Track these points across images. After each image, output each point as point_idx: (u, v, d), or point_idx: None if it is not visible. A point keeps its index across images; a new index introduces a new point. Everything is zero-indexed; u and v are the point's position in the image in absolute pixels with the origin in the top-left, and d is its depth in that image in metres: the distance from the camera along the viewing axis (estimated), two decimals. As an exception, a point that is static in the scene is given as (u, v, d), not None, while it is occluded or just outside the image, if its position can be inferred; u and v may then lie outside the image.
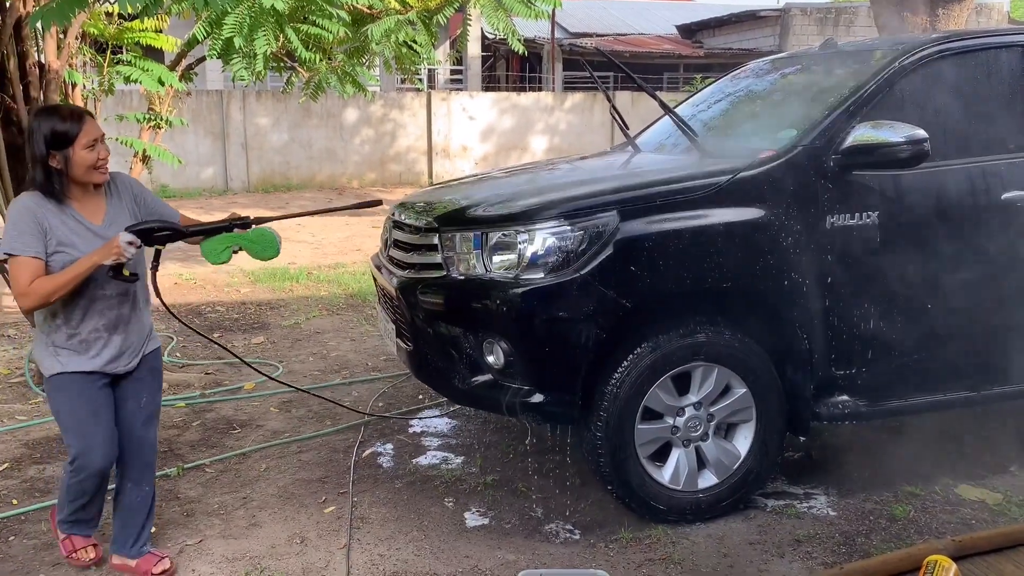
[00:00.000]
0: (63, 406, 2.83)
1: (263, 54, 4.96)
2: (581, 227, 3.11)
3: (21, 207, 2.72)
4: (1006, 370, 3.63)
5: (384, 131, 16.83)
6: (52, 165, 2.70)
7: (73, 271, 2.67)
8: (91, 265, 2.69)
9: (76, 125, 2.71)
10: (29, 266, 2.66)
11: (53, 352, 2.81)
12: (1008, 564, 2.35)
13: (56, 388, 2.82)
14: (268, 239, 2.99)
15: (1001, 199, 3.47)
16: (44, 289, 2.66)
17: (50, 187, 2.72)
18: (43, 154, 2.69)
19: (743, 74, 4.61)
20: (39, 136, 2.69)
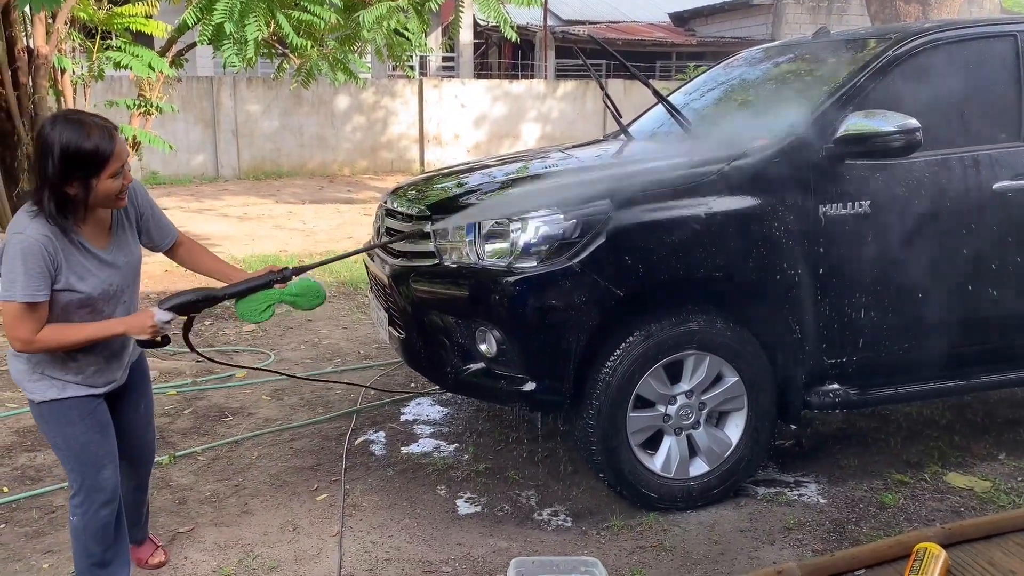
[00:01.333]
0: (65, 433, 2.53)
1: (254, 40, 4.94)
2: (574, 216, 3.11)
3: (30, 242, 2.28)
4: (996, 358, 3.65)
5: (376, 118, 16.77)
6: (69, 192, 2.30)
7: (92, 333, 2.40)
8: (116, 335, 2.45)
9: (107, 146, 2.28)
10: (37, 313, 2.32)
11: (43, 378, 2.49)
12: (997, 551, 2.36)
13: (54, 415, 2.51)
14: (313, 290, 2.74)
15: (993, 188, 3.48)
16: (54, 342, 2.37)
17: (63, 219, 2.32)
18: (60, 180, 2.27)
19: (736, 62, 4.61)
20: (59, 156, 2.24)
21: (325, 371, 5.06)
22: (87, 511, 2.57)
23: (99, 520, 2.59)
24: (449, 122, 17.24)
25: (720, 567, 2.97)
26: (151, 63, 5.13)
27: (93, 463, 2.56)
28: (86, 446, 2.55)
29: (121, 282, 2.52)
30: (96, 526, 2.59)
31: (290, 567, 2.99)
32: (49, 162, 2.25)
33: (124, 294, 2.55)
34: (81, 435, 2.54)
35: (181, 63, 5.85)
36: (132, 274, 2.59)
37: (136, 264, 2.61)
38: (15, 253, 2.28)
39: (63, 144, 2.25)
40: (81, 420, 2.53)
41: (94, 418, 2.56)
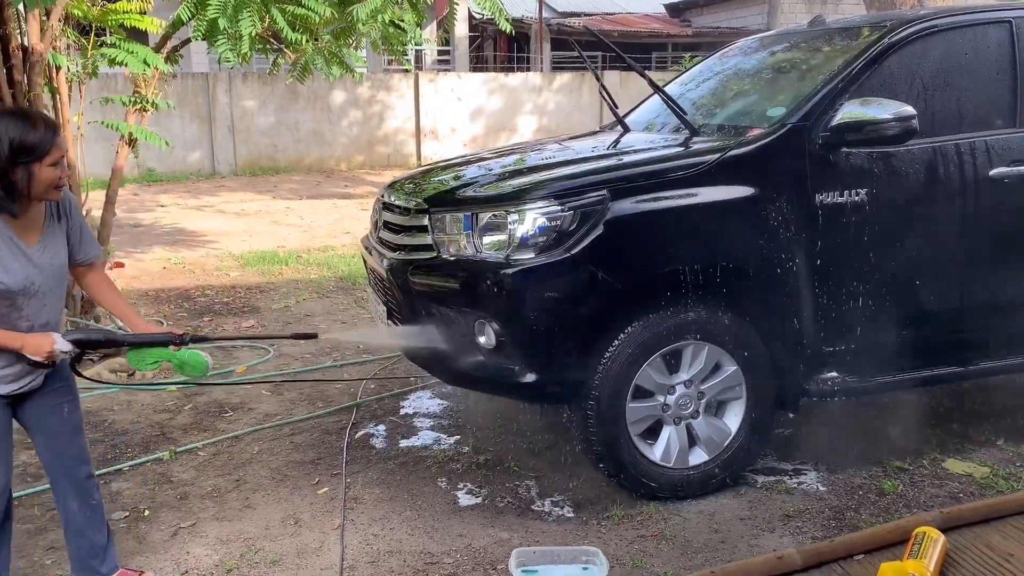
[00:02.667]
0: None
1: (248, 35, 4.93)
2: (571, 207, 3.11)
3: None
4: (993, 344, 3.66)
5: (372, 113, 16.74)
6: (12, 179, 2.37)
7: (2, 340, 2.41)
8: (12, 348, 2.43)
9: (49, 137, 2.39)
10: None
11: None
12: (995, 535, 2.38)
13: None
14: (199, 364, 2.77)
15: (989, 175, 3.48)
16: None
17: (9, 203, 2.39)
18: (8, 166, 2.35)
19: (731, 53, 4.60)
20: (7, 144, 2.35)
21: (324, 366, 5.07)
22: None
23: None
24: (445, 116, 17.22)
25: (720, 555, 2.98)
26: (146, 59, 5.11)
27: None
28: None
29: (43, 283, 2.51)
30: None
31: (292, 560, 3.00)
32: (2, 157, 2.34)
33: (46, 297, 2.53)
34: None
35: (176, 59, 5.82)
36: (56, 277, 2.57)
37: (61, 269, 2.60)
38: None
39: (11, 135, 2.36)
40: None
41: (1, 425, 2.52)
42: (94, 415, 4.32)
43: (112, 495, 3.49)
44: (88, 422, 4.22)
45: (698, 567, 2.87)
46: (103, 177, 8.25)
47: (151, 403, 4.48)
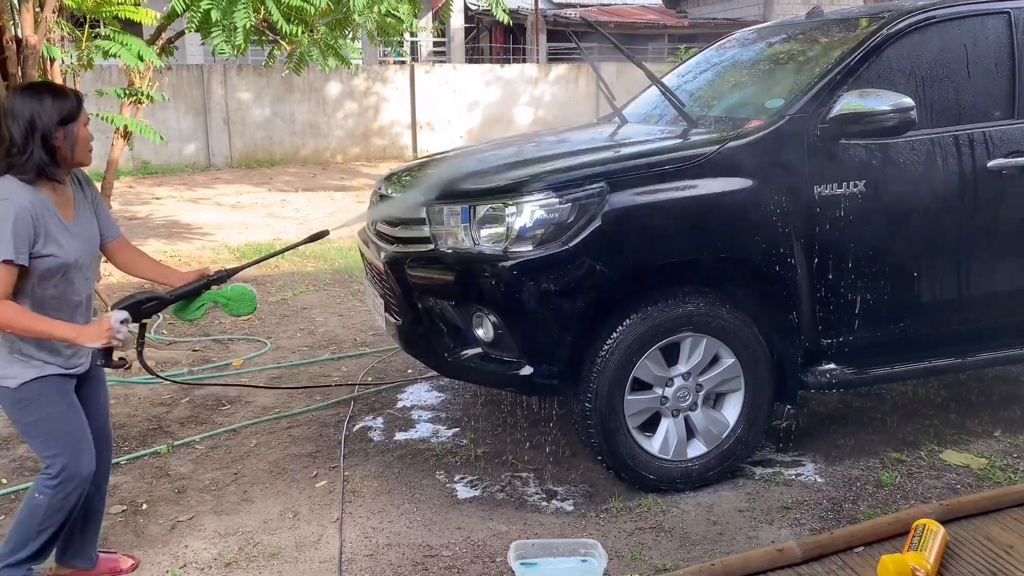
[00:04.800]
0: (44, 413, 2.51)
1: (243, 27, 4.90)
2: (569, 199, 3.10)
3: (19, 206, 2.38)
4: (991, 336, 3.67)
5: (368, 105, 16.69)
6: (56, 143, 2.45)
7: (51, 329, 2.42)
8: (71, 339, 2.44)
9: (78, 101, 2.51)
10: (9, 277, 2.37)
11: (20, 359, 2.49)
12: (994, 526, 2.38)
13: (34, 395, 2.50)
14: (246, 296, 2.80)
15: (988, 166, 3.48)
16: (9, 319, 2.37)
17: (53, 169, 2.46)
18: (50, 129, 2.43)
19: (729, 44, 4.59)
20: (46, 109, 2.43)
21: (321, 358, 5.06)
22: (56, 494, 2.54)
23: (67, 504, 2.56)
24: (441, 108, 17.17)
25: (719, 547, 2.98)
26: (140, 52, 5.08)
27: (75, 444, 2.55)
28: (69, 425, 2.54)
29: (85, 256, 2.57)
30: (61, 509, 2.56)
31: (291, 553, 3.00)
32: (32, 116, 2.42)
33: (88, 269, 2.60)
34: (62, 414, 2.54)
35: (171, 51, 5.79)
36: (94, 249, 2.67)
37: (96, 241, 2.66)
38: (4, 214, 2.35)
39: (50, 100, 2.45)
40: (62, 399, 2.54)
41: (72, 399, 2.58)
42: (91, 409, 4.31)
43: (110, 489, 3.46)
44: (85, 416, 4.22)
45: (697, 559, 2.88)
46: (98, 170, 8.23)
47: (148, 396, 4.47)
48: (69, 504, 2.58)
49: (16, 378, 2.48)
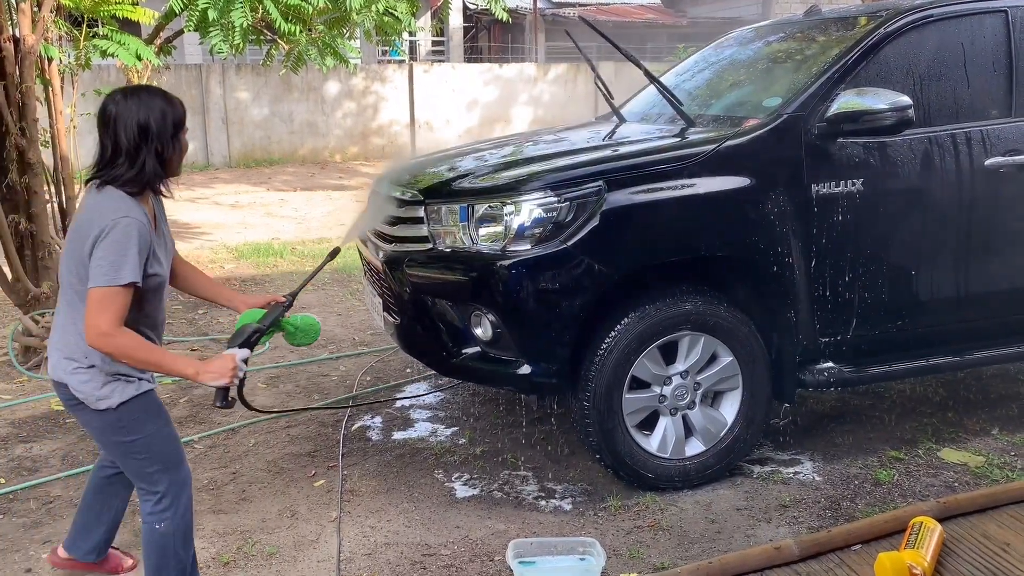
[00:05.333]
0: (146, 431, 2.38)
1: (241, 26, 4.91)
2: (567, 198, 3.10)
3: (140, 224, 2.23)
4: (988, 334, 3.67)
5: (366, 104, 16.68)
6: (169, 154, 2.32)
7: (171, 364, 2.31)
8: (190, 376, 2.31)
9: (183, 106, 2.36)
10: (127, 300, 2.23)
11: (117, 380, 2.34)
12: (991, 524, 2.39)
13: (134, 414, 2.36)
14: (314, 328, 2.69)
15: (985, 165, 3.48)
16: (127, 348, 2.23)
17: (163, 181, 2.35)
18: (165, 137, 2.28)
19: (727, 43, 4.59)
20: (160, 115, 2.27)
21: (320, 358, 5.06)
22: (176, 513, 2.43)
23: (187, 520, 2.47)
24: (440, 107, 17.16)
25: (717, 545, 2.99)
26: (138, 51, 5.09)
27: (177, 458, 2.45)
28: (169, 440, 2.44)
29: (167, 273, 2.47)
30: (185, 527, 2.47)
31: (289, 553, 3.00)
32: (152, 125, 2.26)
33: (166, 287, 2.49)
34: (163, 429, 2.43)
35: (169, 50, 5.79)
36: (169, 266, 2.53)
37: (172, 256, 2.57)
38: (128, 234, 2.20)
39: (163, 108, 2.29)
40: (159, 414, 2.44)
41: (166, 412, 2.48)
42: (89, 408, 4.31)
43: (108, 488, 3.48)
44: (83, 415, 4.22)
45: (695, 557, 2.88)
46: (96, 169, 8.22)
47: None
48: (188, 520, 2.48)
49: (114, 398, 2.33)
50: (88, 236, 2.22)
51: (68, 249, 2.33)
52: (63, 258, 2.37)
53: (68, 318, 2.34)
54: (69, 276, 2.32)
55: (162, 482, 2.41)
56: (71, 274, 2.30)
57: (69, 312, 2.34)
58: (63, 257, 2.37)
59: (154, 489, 2.42)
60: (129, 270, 2.20)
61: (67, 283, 2.34)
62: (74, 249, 2.28)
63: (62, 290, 2.37)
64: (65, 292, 2.35)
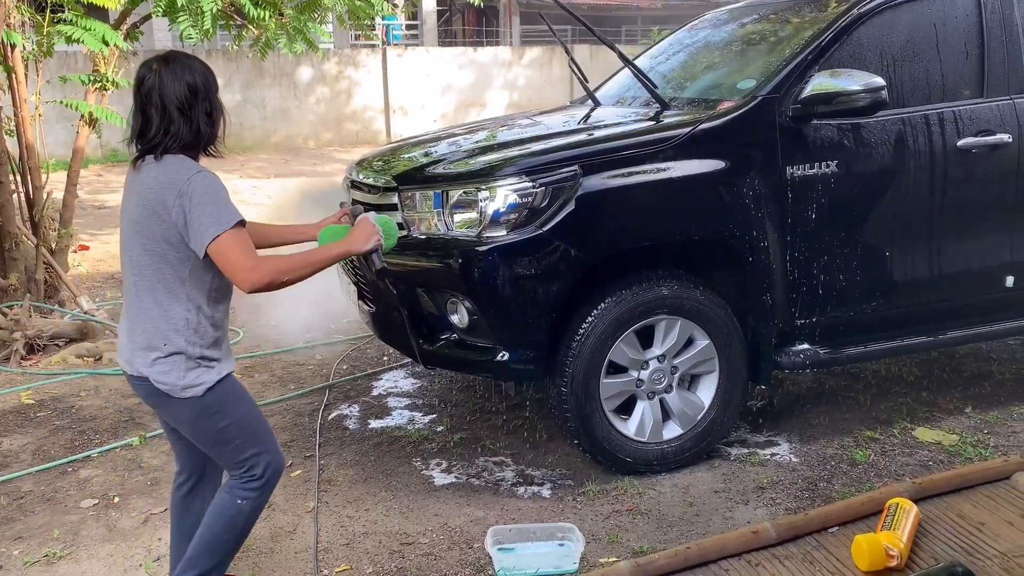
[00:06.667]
0: (238, 410, 2.32)
1: (210, 11, 4.82)
2: (543, 183, 3.08)
3: (212, 174, 2.20)
4: (961, 313, 3.70)
5: (339, 89, 16.53)
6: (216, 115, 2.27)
7: (326, 255, 2.32)
8: (344, 252, 2.35)
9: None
10: (245, 236, 2.19)
11: (201, 365, 2.25)
12: (966, 504, 2.41)
13: (222, 398, 2.29)
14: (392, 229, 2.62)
15: (957, 145, 3.50)
16: (286, 267, 2.21)
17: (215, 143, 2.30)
18: (212, 97, 2.24)
19: (701, 25, 4.58)
20: (203, 77, 2.22)
21: (295, 347, 5.02)
22: (262, 496, 2.36)
23: (264, 503, 2.40)
24: (415, 91, 17.04)
25: (695, 528, 3.00)
26: (105, 36, 4.98)
27: (270, 439, 2.38)
28: (260, 422, 2.37)
29: None
30: (259, 510, 2.40)
31: (266, 544, 2.97)
32: (201, 87, 2.21)
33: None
34: (251, 411, 2.36)
35: (136, 36, 5.67)
36: None
37: None
38: (210, 183, 2.16)
39: (201, 68, 2.24)
40: (245, 394, 2.37)
41: (250, 395, 2.42)
42: (61, 401, 4.25)
43: (81, 482, 3.44)
44: (56, 408, 4.16)
45: (673, 540, 2.89)
46: (64, 158, 8.08)
47: (119, 388, 4.41)
48: (264, 503, 2.41)
49: (203, 384, 2.25)
50: (164, 207, 2.13)
51: (136, 231, 2.20)
52: (129, 245, 2.23)
53: (144, 305, 2.21)
54: (143, 259, 2.19)
55: (260, 464, 2.33)
56: (146, 255, 2.18)
57: (146, 298, 2.21)
58: (128, 243, 2.23)
59: (253, 473, 2.33)
60: (232, 210, 2.15)
61: (140, 268, 2.20)
62: (146, 228, 2.17)
63: (133, 278, 2.23)
64: (140, 278, 2.21)
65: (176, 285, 2.20)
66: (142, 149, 2.22)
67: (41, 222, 5.26)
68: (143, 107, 2.20)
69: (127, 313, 2.28)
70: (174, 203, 2.12)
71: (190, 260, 2.19)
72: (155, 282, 2.19)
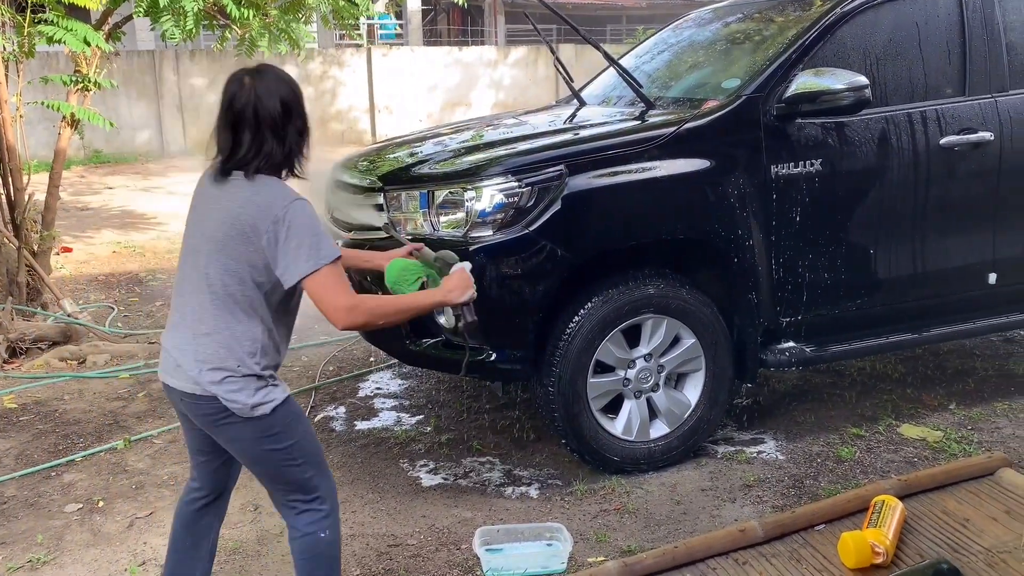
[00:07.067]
0: (298, 434, 2.19)
1: (193, 12, 4.79)
2: (529, 183, 3.08)
3: (307, 202, 2.11)
4: (946, 311, 3.73)
5: (324, 89, 16.47)
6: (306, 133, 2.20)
7: (422, 301, 2.29)
8: (440, 301, 2.29)
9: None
10: (341, 271, 2.13)
11: (267, 384, 2.16)
12: (950, 500, 2.42)
13: (286, 417, 2.17)
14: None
15: (940, 144, 3.52)
16: (380, 309, 2.18)
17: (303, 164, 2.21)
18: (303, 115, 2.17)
19: (686, 24, 4.58)
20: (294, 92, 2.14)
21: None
22: (335, 517, 2.26)
23: (339, 525, 2.30)
24: (400, 91, 16.99)
25: (683, 526, 3.00)
26: (86, 37, 4.94)
27: (324, 460, 2.29)
28: (317, 442, 2.28)
29: None
30: (339, 533, 2.30)
31: (253, 547, 2.96)
32: (292, 104, 2.14)
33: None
34: (310, 429, 2.27)
35: (118, 36, 5.63)
36: None
37: None
38: (309, 213, 2.08)
39: (290, 82, 2.16)
40: (303, 415, 2.27)
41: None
42: (44, 405, 4.21)
43: (64, 487, 3.41)
44: (39, 412, 4.12)
45: (661, 539, 2.89)
46: (46, 160, 8.02)
47: (103, 391, 4.38)
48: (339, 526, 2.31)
49: (272, 401, 2.14)
50: (256, 231, 2.04)
51: (219, 249, 2.09)
52: (207, 262, 2.12)
53: (217, 324, 2.11)
54: (223, 278, 2.09)
55: (320, 487, 2.23)
56: (227, 275, 2.09)
57: (221, 317, 2.11)
58: (207, 260, 2.12)
59: (313, 496, 2.23)
60: (330, 244, 2.09)
61: (217, 287, 2.10)
62: (232, 249, 2.07)
63: (208, 296, 2.11)
64: (215, 297, 2.10)
65: (252, 307, 2.11)
66: (229, 165, 2.12)
67: (23, 224, 5.21)
68: (234, 124, 2.11)
69: (190, 329, 2.14)
70: (267, 228, 2.04)
71: (269, 284, 2.11)
72: (232, 303, 2.10)
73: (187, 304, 2.17)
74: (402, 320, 2.26)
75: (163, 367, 2.22)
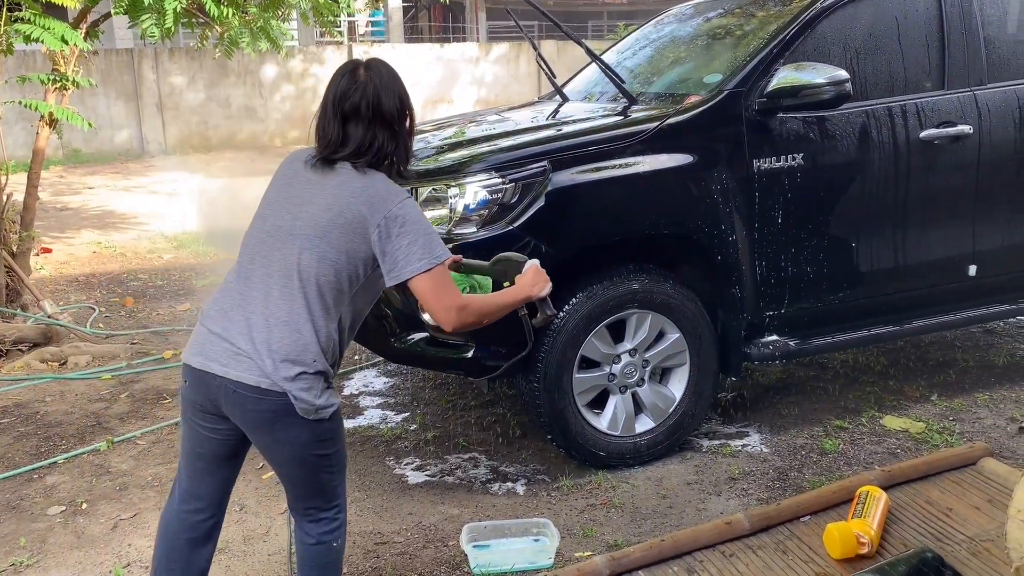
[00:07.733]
0: (340, 441, 2.13)
1: (172, 10, 4.75)
2: (512, 179, 3.08)
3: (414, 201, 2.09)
4: (927, 303, 3.76)
5: (305, 87, 16.40)
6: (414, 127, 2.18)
7: (513, 297, 2.25)
8: (526, 296, 2.27)
9: None
10: (448, 273, 2.13)
11: (329, 385, 2.07)
12: (934, 490, 2.44)
13: (338, 421, 2.11)
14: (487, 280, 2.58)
15: (920, 137, 3.55)
16: (484, 308, 2.16)
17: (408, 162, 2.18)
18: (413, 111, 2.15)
19: (667, 20, 4.59)
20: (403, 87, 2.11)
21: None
22: (344, 525, 2.22)
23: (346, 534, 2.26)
24: (381, 89, 16.92)
25: (669, 520, 3.01)
26: (64, 35, 4.89)
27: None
28: (346, 453, 2.23)
29: None
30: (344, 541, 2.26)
31: (239, 547, 2.94)
32: (407, 99, 2.12)
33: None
34: (345, 438, 2.21)
35: (97, 34, 5.58)
36: None
37: None
38: (420, 212, 2.06)
39: (400, 78, 2.13)
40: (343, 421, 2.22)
41: None
42: (26, 407, 4.17)
43: (47, 489, 3.38)
44: (20, 415, 4.08)
45: (648, 533, 2.90)
46: (24, 160, 7.93)
47: (85, 392, 4.34)
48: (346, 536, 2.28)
49: (333, 405, 2.06)
50: (363, 223, 1.99)
51: (320, 236, 2.01)
52: (304, 246, 2.01)
53: (295, 315, 2.00)
54: (317, 267, 2.00)
55: (340, 495, 2.18)
56: (323, 264, 2.00)
57: (304, 308, 2.00)
58: (304, 244, 2.01)
59: (332, 504, 2.17)
60: (442, 244, 2.07)
61: (309, 274, 2.00)
62: (335, 237, 2.00)
63: (294, 281, 2.00)
64: (304, 285, 2.00)
65: (336, 301, 2.04)
66: (337, 157, 2.07)
67: (1, 225, 5.16)
68: (346, 117, 2.06)
69: (261, 316, 2.01)
70: (378, 222, 1.99)
71: (361, 280, 2.06)
72: (317, 293, 2.00)
73: (255, 288, 2.04)
74: (499, 318, 2.24)
75: (209, 354, 2.03)
